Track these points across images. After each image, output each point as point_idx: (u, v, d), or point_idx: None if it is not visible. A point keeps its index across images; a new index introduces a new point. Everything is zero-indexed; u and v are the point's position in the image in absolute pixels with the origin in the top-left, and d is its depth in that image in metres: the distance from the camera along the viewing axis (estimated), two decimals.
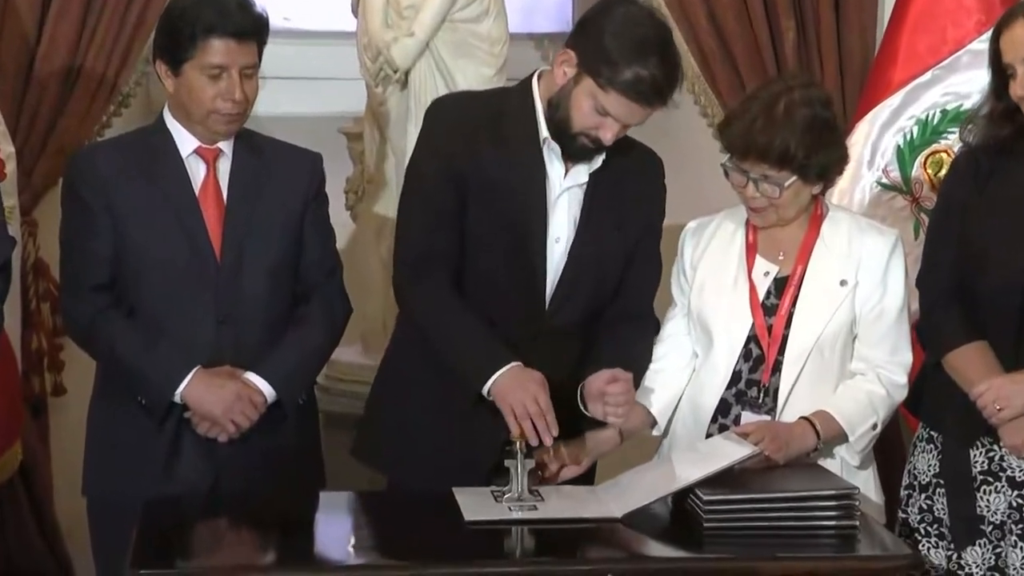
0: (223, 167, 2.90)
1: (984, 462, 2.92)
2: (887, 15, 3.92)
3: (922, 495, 2.99)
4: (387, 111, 3.98)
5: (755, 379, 2.86)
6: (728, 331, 2.87)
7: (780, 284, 2.88)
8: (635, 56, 2.71)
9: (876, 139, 3.79)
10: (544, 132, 2.85)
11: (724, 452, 2.68)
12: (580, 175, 2.88)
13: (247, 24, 2.81)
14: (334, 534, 2.69)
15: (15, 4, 3.73)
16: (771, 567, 2.50)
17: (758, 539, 2.54)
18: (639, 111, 2.76)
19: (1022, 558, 2.88)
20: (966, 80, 3.68)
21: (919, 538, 2.98)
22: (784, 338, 2.84)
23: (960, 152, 3.07)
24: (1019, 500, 2.89)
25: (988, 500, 2.90)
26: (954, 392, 2.90)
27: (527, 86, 2.90)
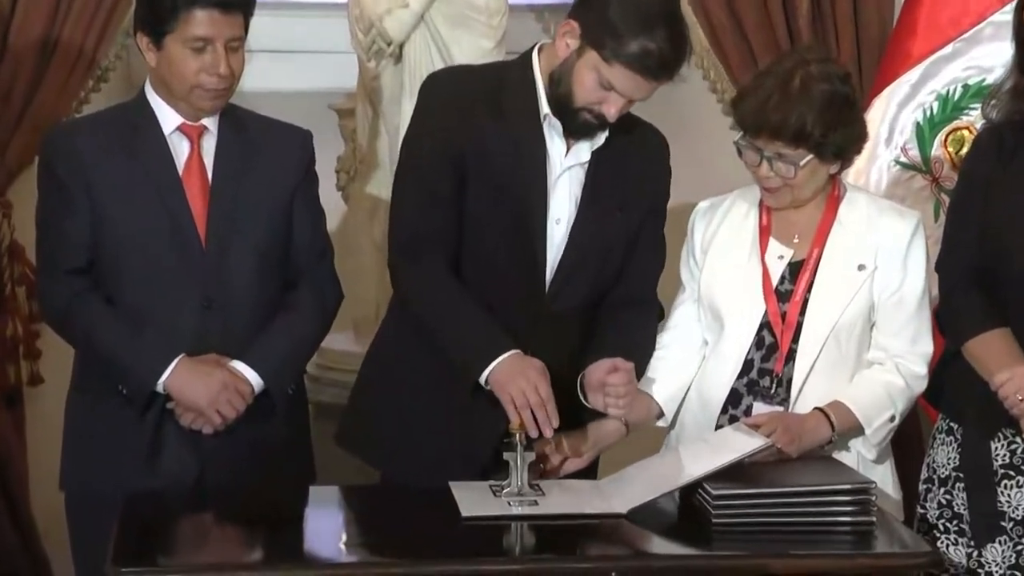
0: (207, 145, 2.89)
1: (1006, 455, 2.91)
2: None
3: (941, 490, 2.99)
4: (380, 86, 3.97)
5: (767, 368, 2.86)
6: (740, 317, 2.87)
7: (795, 268, 2.87)
8: (641, 28, 2.71)
9: (894, 116, 3.78)
10: (545, 108, 2.85)
11: (734, 444, 2.68)
12: (582, 153, 2.88)
13: None
14: (324, 530, 2.69)
15: None
16: (783, 565, 2.50)
17: (769, 536, 2.54)
18: (645, 85, 2.76)
19: None
20: (989, 53, 3.67)
21: (938, 535, 2.98)
22: (798, 325, 2.84)
23: (982, 129, 3.05)
24: None
25: (1010, 495, 2.90)
26: (975, 381, 2.89)
27: (527, 60, 2.89)
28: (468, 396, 2.82)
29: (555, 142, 2.87)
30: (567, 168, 2.88)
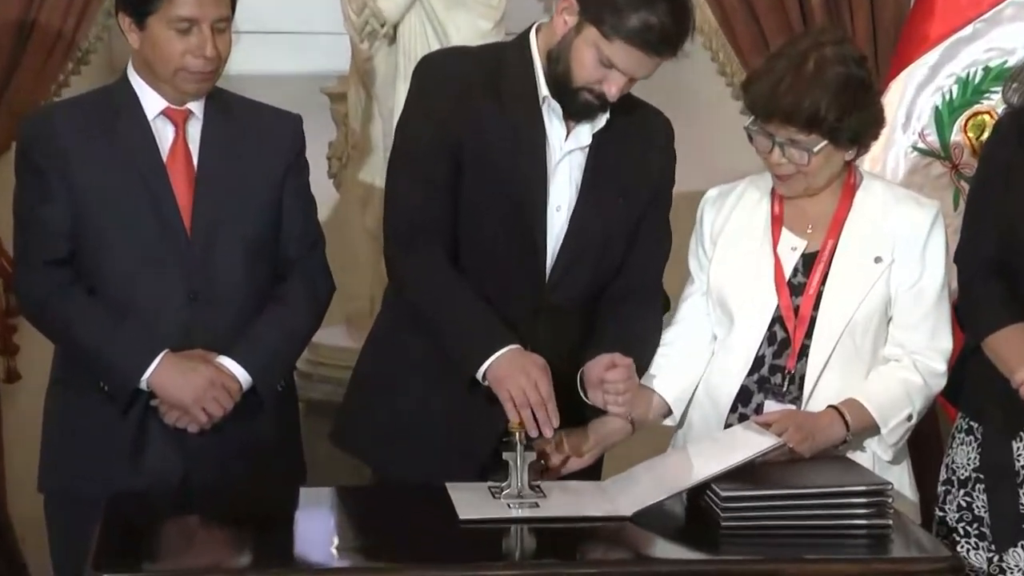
0: (193, 130, 2.89)
1: None
2: None
3: (961, 491, 2.99)
4: (374, 68, 3.97)
5: (779, 364, 2.86)
6: (750, 311, 2.87)
7: (808, 260, 2.87)
8: (642, 1, 2.71)
9: (911, 100, 3.78)
10: (544, 90, 2.85)
11: (744, 444, 2.68)
12: (582, 137, 2.88)
13: None
14: (315, 533, 2.68)
15: None
16: (795, 570, 2.50)
17: (781, 539, 2.54)
18: (647, 62, 2.76)
19: None
20: (1011, 34, 3.68)
21: (958, 538, 2.98)
22: (812, 320, 2.83)
23: (1004, 114, 3.06)
24: None
25: None
26: (995, 378, 2.90)
27: (524, 40, 2.89)
28: (466, 392, 2.82)
29: (555, 126, 2.87)
30: (567, 153, 2.88)
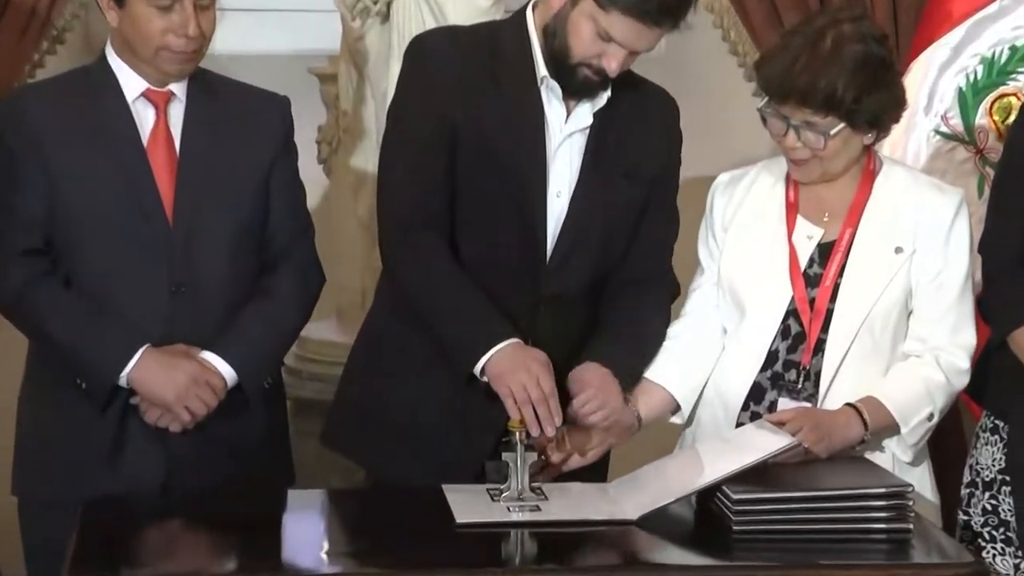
0: (175, 113, 2.89)
1: None
2: None
3: (986, 494, 3.00)
4: (366, 48, 3.97)
5: (794, 360, 2.86)
6: (763, 304, 2.87)
7: (825, 250, 2.87)
8: None
9: (934, 81, 3.79)
10: (542, 70, 2.85)
11: (757, 444, 2.69)
12: (583, 118, 2.88)
13: None
14: (304, 538, 2.69)
15: None
16: None
17: (795, 544, 2.55)
18: (647, 33, 2.76)
19: None
20: None
21: (983, 543, 2.99)
22: (828, 313, 2.84)
23: None
24: None
25: None
26: (1022, 374, 2.89)
27: (521, 18, 2.90)
28: (464, 388, 2.82)
29: (554, 107, 2.87)
30: (568, 135, 2.89)
